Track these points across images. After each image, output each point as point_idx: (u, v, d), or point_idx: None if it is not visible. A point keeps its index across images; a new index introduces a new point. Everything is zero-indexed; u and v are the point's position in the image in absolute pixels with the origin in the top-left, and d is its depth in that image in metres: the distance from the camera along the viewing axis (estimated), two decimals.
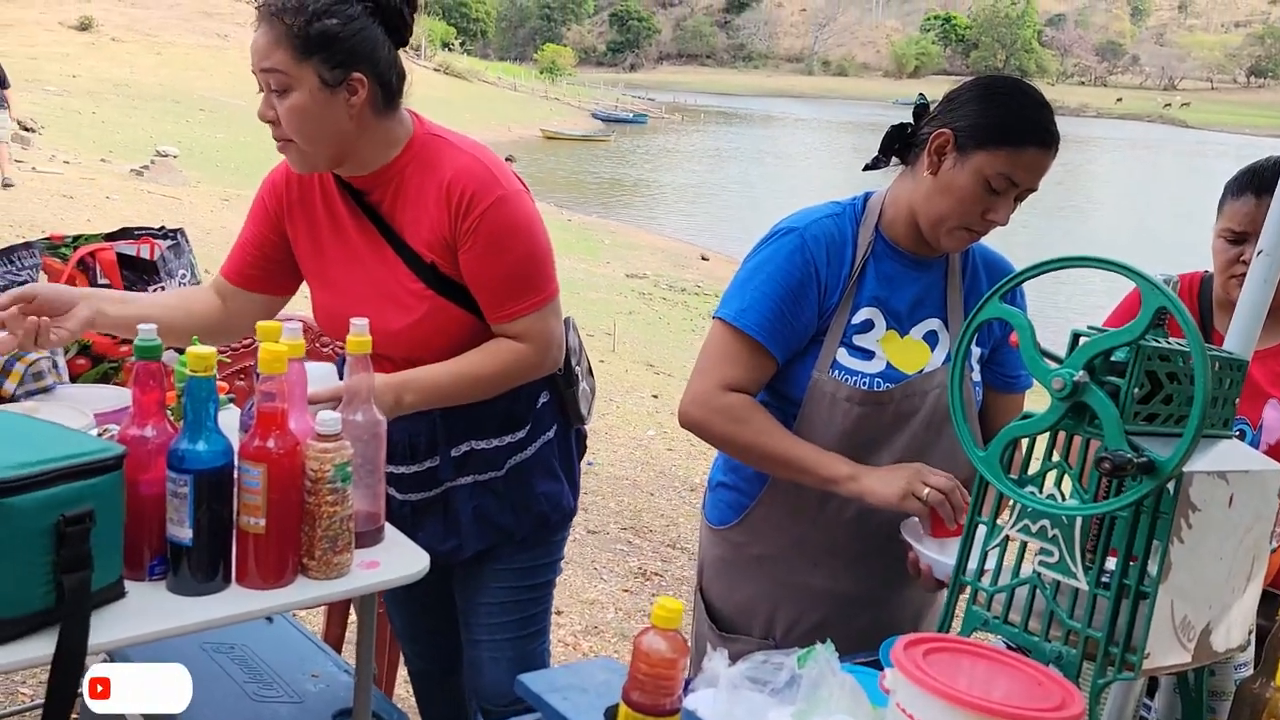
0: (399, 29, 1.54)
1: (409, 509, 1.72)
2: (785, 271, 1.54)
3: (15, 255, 1.78)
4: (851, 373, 1.53)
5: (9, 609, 1.09)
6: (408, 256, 1.59)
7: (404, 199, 1.58)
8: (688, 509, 4.90)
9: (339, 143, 1.53)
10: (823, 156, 39.72)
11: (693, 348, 9.30)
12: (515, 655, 1.80)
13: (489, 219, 1.54)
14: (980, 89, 1.51)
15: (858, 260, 1.56)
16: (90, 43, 33.72)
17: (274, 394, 1.25)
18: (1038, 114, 1.47)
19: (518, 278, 1.58)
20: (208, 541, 1.23)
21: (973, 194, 1.47)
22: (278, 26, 1.46)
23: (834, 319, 1.54)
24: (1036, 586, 1.22)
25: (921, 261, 1.59)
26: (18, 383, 1.53)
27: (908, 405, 1.54)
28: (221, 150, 19.79)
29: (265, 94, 1.51)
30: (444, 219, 1.56)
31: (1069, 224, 23.55)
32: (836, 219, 1.58)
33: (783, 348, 1.54)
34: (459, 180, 1.55)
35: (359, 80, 1.50)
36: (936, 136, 1.49)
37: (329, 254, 1.65)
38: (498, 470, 1.71)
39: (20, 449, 1.11)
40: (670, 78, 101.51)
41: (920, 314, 1.59)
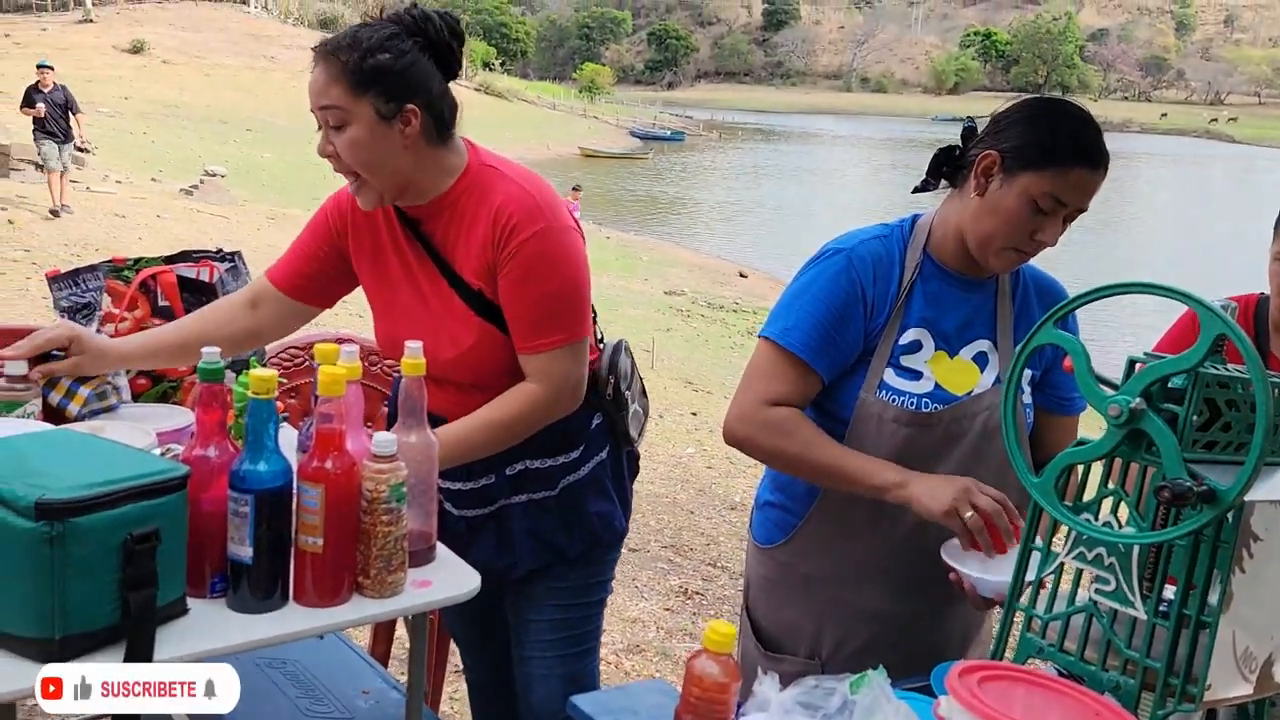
0: (448, 63, 1.59)
1: (464, 525, 1.75)
2: (830, 291, 1.54)
3: (81, 278, 1.84)
4: (899, 393, 1.53)
5: (77, 625, 1.11)
6: (458, 285, 1.62)
7: (456, 228, 1.62)
8: (728, 527, 4.89)
9: (397, 173, 1.57)
10: (862, 173, 39.59)
11: (732, 365, 9.33)
12: (565, 673, 1.81)
13: (528, 248, 1.57)
14: (1027, 110, 1.51)
15: (905, 281, 1.56)
16: (142, 65, 34.54)
17: (332, 415, 1.28)
18: (1086, 134, 1.46)
19: (546, 312, 1.60)
20: (267, 560, 1.25)
21: (1020, 215, 1.46)
22: (334, 64, 1.52)
23: (881, 339, 1.55)
24: (1093, 614, 1.21)
25: (970, 282, 1.59)
26: (82, 405, 1.57)
27: (956, 427, 1.54)
28: (268, 170, 20.16)
29: (324, 130, 1.55)
30: (489, 246, 1.59)
31: (1115, 241, 23.22)
32: (884, 240, 1.59)
33: (828, 366, 1.55)
34: (505, 208, 1.58)
35: (412, 111, 1.54)
36: (983, 158, 1.49)
37: (390, 281, 1.69)
38: (551, 489, 1.73)
39: (89, 469, 1.14)
40: (708, 95, 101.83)
41: (969, 335, 1.58)
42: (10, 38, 35.64)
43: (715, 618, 3.78)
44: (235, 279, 1.90)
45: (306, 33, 45.75)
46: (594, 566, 1.82)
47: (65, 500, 1.07)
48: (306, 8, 51.29)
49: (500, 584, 1.77)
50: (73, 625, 1.11)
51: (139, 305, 1.78)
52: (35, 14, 43.43)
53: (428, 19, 1.56)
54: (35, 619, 1.10)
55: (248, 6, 48.22)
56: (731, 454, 6.32)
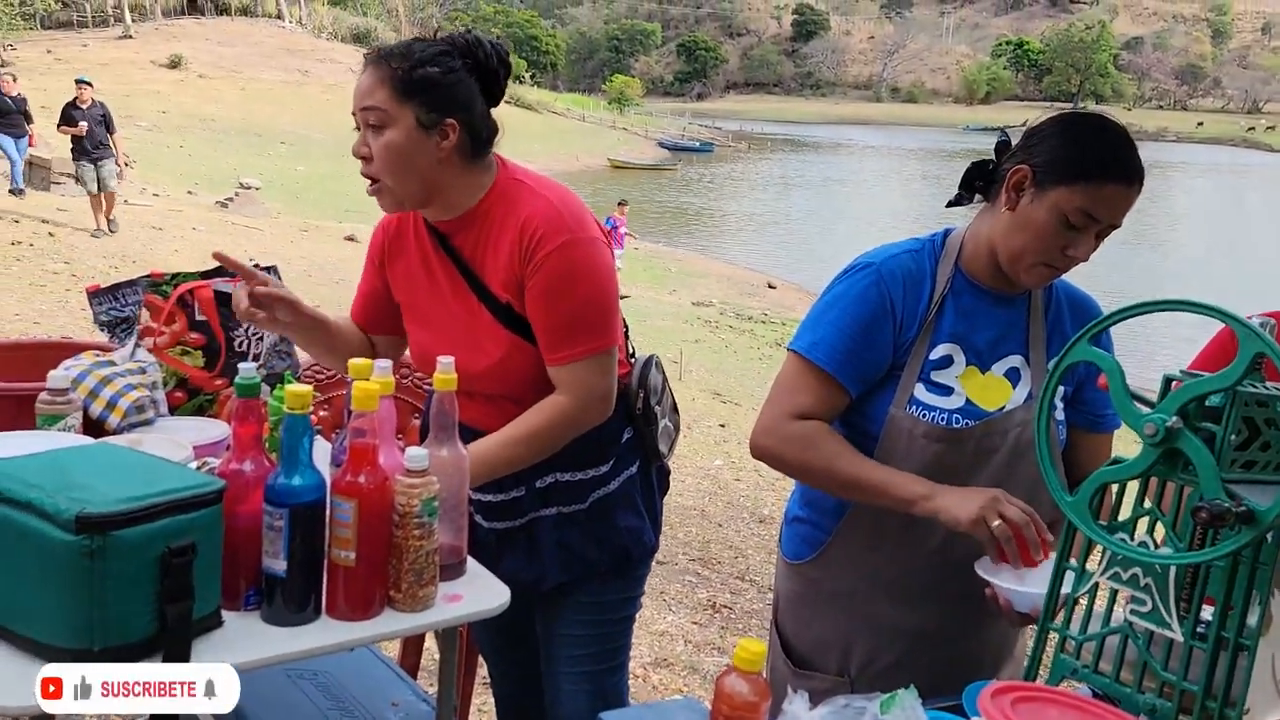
0: (493, 88, 1.63)
1: (494, 537, 1.76)
2: (859, 305, 1.54)
3: (120, 292, 1.87)
4: (929, 409, 1.52)
5: (115, 636, 1.13)
6: (487, 299, 1.64)
7: (485, 242, 1.64)
8: (756, 540, 4.87)
9: (425, 182, 1.59)
10: (892, 184, 39.37)
11: (760, 376, 9.29)
12: (594, 689, 1.82)
13: (553, 260, 1.58)
14: (1061, 124, 1.50)
15: (936, 296, 1.55)
16: (180, 80, 35.11)
17: (365, 430, 1.29)
18: (1119, 149, 1.45)
19: (572, 322, 1.61)
20: (301, 573, 1.27)
21: (1051, 229, 1.45)
22: (384, 69, 1.56)
23: (911, 354, 1.54)
24: (1128, 636, 1.20)
25: (1003, 297, 1.57)
26: (121, 417, 1.60)
27: (988, 443, 1.53)
28: (301, 182, 20.41)
29: (362, 131, 1.58)
30: (516, 259, 1.61)
31: (1151, 253, 22.90)
32: (915, 255, 1.58)
33: (855, 381, 1.54)
34: (531, 221, 1.60)
35: (451, 125, 1.57)
36: (1014, 172, 1.48)
37: (421, 295, 1.72)
38: (581, 503, 1.74)
39: (128, 483, 1.16)
40: (737, 106, 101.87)
41: (1002, 350, 1.57)
42: (52, 54, 36.38)
43: (743, 632, 3.77)
44: None
45: (340, 47, 46.32)
46: (623, 581, 1.82)
47: (105, 514, 1.09)
48: (340, 22, 51.89)
49: (529, 596, 1.78)
50: (111, 637, 1.13)
51: (176, 319, 1.81)
52: (77, 30, 44.30)
53: (479, 43, 1.61)
54: (75, 630, 1.12)
55: (283, 21, 48.90)
56: (760, 466, 6.30)
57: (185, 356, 1.81)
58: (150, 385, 1.69)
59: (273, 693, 1.78)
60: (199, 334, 1.83)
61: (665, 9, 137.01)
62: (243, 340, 1.87)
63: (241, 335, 1.86)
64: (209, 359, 1.83)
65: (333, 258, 12.00)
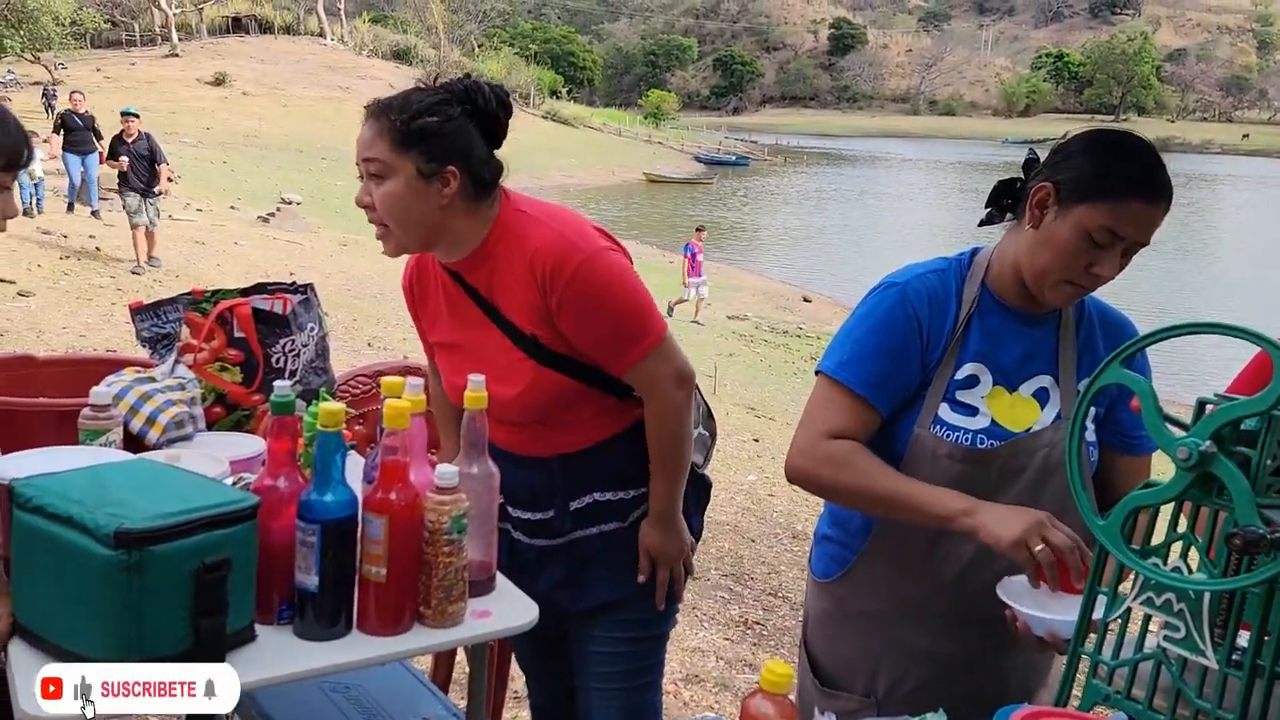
0: (493, 132, 1.66)
1: (534, 553, 1.78)
2: (886, 325, 1.53)
3: (162, 309, 1.91)
4: (953, 429, 1.51)
5: (152, 649, 1.16)
6: (509, 330, 1.66)
7: (499, 276, 1.66)
8: (790, 556, 4.84)
9: (427, 228, 1.62)
10: (929, 197, 39.08)
11: (795, 391, 9.22)
12: (626, 705, 1.82)
13: (575, 285, 1.60)
14: (1085, 141, 1.48)
15: (962, 315, 1.54)
16: (224, 97, 35.79)
17: (397, 448, 1.31)
18: (1144, 166, 1.43)
19: (621, 330, 1.64)
20: (333, 589, 1.29)
21: (1074, 247, 1.43)
22: (383, 122, 1.58)
23: (937, 374, 1.53)
24: (1161, 662, 1.18)
25: (1031, 317, 1.56)
26: (161, 433, 1.64)
27: (1014, 463, 1.51)
28: (341, 197, 20.64)
29: (365, 181, 1.62)
30: (535, 293, 1.63)
31: (1195, 268, 22.49)
32: (940, 274, 1.57)
33: (885, 401, 1.53)
34: (540, 254, 1.62)
35: (452, 173, 1.60)
36: (1038, 190, 1.47)
37: (449, 331, 1.76)
38: (622, 521, 1.76)
39: (165, 498, 1.19)
40: (773, 120, 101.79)
41: (1030, 370, 1.55)
42: (101, 72, 37.27)
43: (775, 649, 3.74)
44: (307, 310, 1.96)
45: (380, 64, 46.97)
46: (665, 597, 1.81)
47: (143, 529, 1.12)
48: (381, 40, 52.63)
49: (566, 612, 1.79)
50: (148, 650, 1.15)
51: (216, 336, 1.85)
52: (125, 49, 45.37)
53: (478, 90, 1.63)
54: (113, 643, 1.14)
55: (325, 39, 49.70)
56: None
57: (224, 372, 1.85)
58: (189, 401, 1.72)
59: (306, 705, 1.80)
60: (237, 350, 1.86)
61: (701, 24, 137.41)
62: (280, 357, 1.90)
63: (279, 352, 1.89)
64: (247, 375, 1.87)
65: (371, 272, 12.14)
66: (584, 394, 1.68)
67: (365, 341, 8.53)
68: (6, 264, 9.26)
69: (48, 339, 6.96)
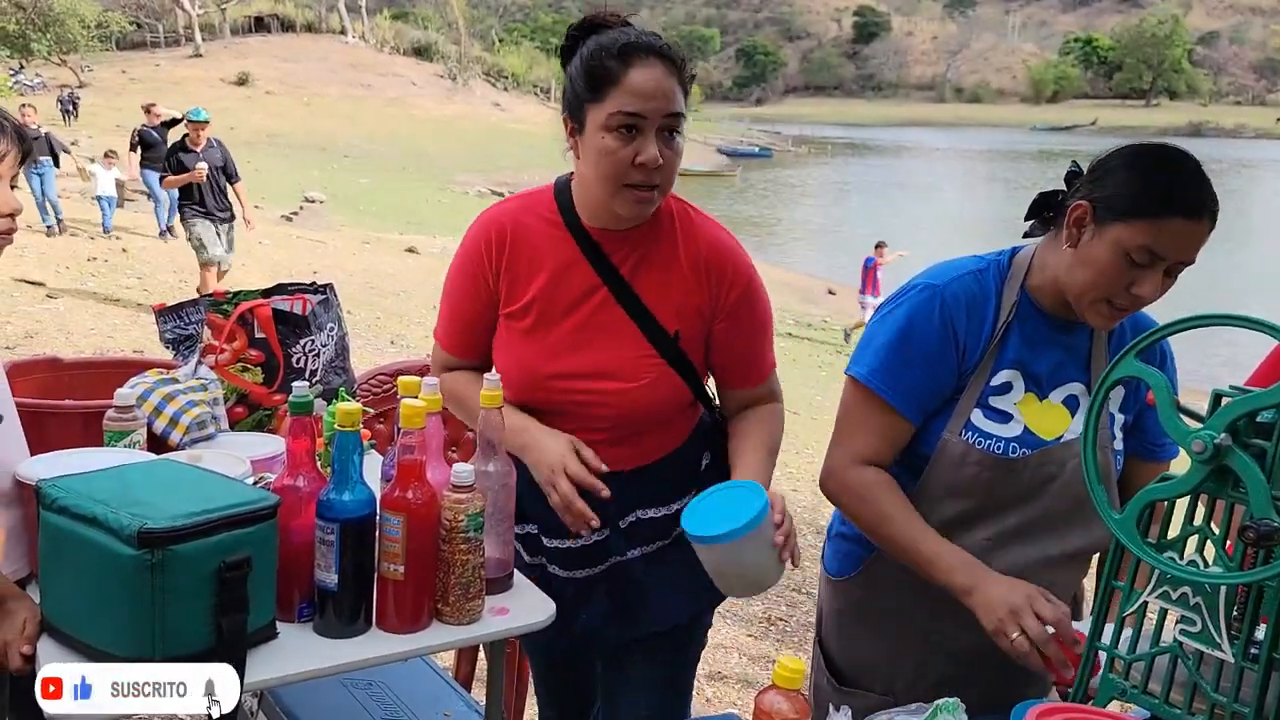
0: None
1: (571, 589, 1.64)
2: (923, 332, 1.49)
3: (184, 310, 1.94)
4: (985, 435, 1.48)
5: (175, 647, 1.18)
6: (645, 322, 1.55)
7: (650, 261, 1.56)
8: (813, 552, 4.82)
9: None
10: (957, 186, 38.66)
11: (821, 384, 9.10)
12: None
13: (752, 291, 1.61)
14: (1123, 157, 1.44)
15: (1001, 321, 1.50)
16: (247, 96, 36.07)
17: (413, 447, 1.32)
18: (1184, 182, 1.38)
19: (763, 346, 1.67)
20: (352, 586, 1.31)
21: (1113, 267, 1.39)
22: (674, 70, 1.46)
23: (972, 379, 1.50)
24: (1178, 656, 1.17)
25: (1067, 324, 1.52)
26: (184, 433, 1.66)
27: (1043, 472, 1.49)
28: (364, 195, 20.79)
29: (659, 136, 1.45)
30: (698, 289, 1.57)
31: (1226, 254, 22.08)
32: (978, 276, 1.53)
33: (919, 411, 1.51)
34: (720, 253, 1.58)
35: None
36: (1074, 208, 1.43)
37: (547, 309, 1.57)
38: (665, 538, 1.65)
39: (187, 499, 1.21)
40: (797, 110, 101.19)
41: (1061, 377, 1.52)
42: (127, 73, 37.70)
43: (799, 645, 3.73)
44: (326, 311, 1.98)
45: (402, 60, 47.10)
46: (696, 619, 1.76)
47: (165, 529, 1.14)
48: (402, 36, 52.80)
49: (607, 645, 1.71)
50: (171, 647, 1.17)
51: (237, 337, 1.87)
52: (150, 50, 45.82)
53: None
54: (137, 641, 1.16)
55: (346, 37, 49.94)
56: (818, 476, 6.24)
57: (245, 373, 1.87)
58: (211, 402, 1.75)
59: (328, 702, 1.83)
60: (258, 351, 1.88)
61: (724, 14, 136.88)
62: (300, 357, 1.92)
63: (299, 352, 1.91)
64: (268, 375, 1.89)
65: (394, 269, 12.21)
66: (684, 403, 1.62)
67: (388, 340, 8.58)
68: (35, 266, 9.40)
69: (75, 340, 7.06)
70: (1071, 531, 1.51)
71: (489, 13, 71.54)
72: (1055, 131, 78.12)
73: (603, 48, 1.47)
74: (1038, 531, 1.50)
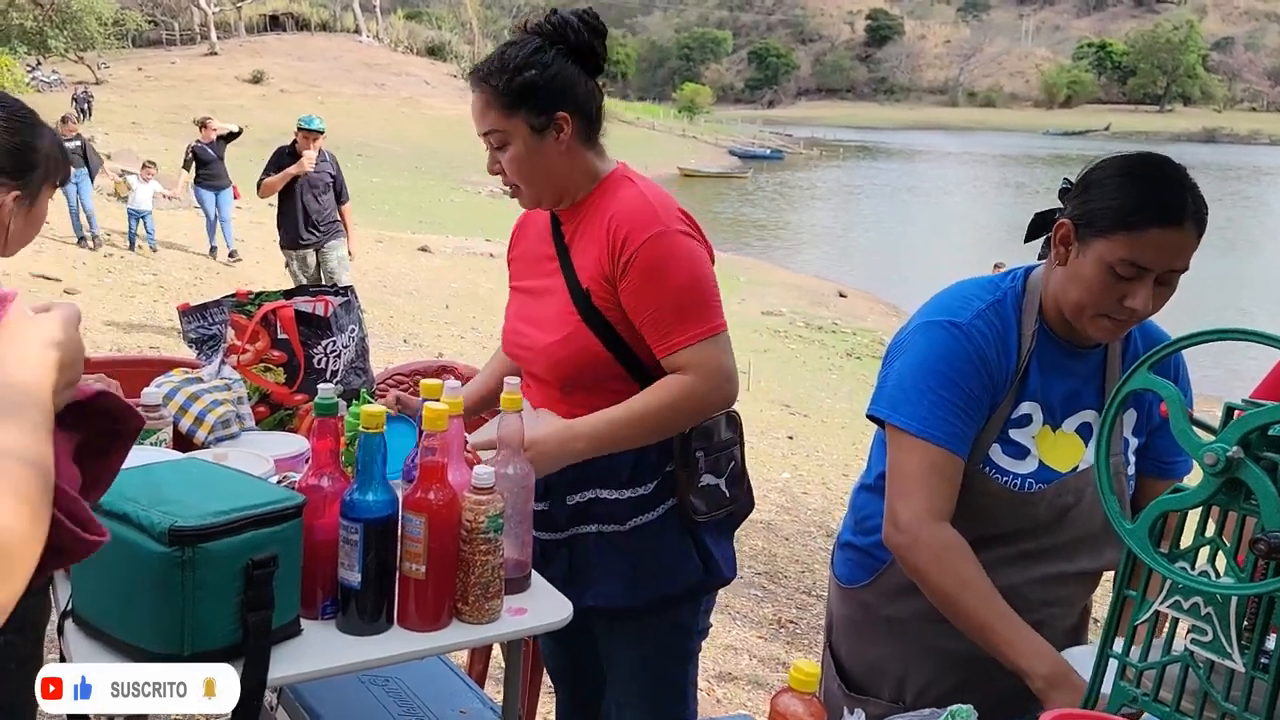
0: (592, 61, 1.67)
1: (539, 546, 1.69)
2: (963, 374, 1.46)
3: (208, 311, 1.97)
4: (1003, 471, 1.49)
5: (203, 642, 1.20)
6: (569, 278, 1.68)
7: (582, 228, 1.69)
8: (824, 555, 4.85)
9: (555, 177, 1.67)
10: (969, 191, 38.55)
11: (830, 387, 9.10)
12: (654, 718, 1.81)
13: (643, 253, 1.60)
14: (1100, 172, 1.44)
15: (1024, 352, 1.49)
16: (262, 94, 36.20)
17: (435, 449, 1.35)
18: (1160, 191, 1.37)
19: (677, 309, 1.61)
20: (374, 585, 1.33)
21: (1100, 282, 1.39)
22: (487, 90, 1.63)
23: (996, 412, 1.49)
24: (1189, 665, 1.19)
25: (1078, 351, 1.52)
26: (209, 432, 1.69)
27: (1060, 503, 1.49)
28: (377, 194, 20.84)
29: (490, 151, 1.67)
30: (604, 253, 1.64)
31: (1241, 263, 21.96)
32: (997, 308, 1.51)
33: (968, 450, 1.48)
34: (618, 217, 1.63)
35: (563, 119, 1.63)
36: (1059, 227, 1.44)
37: (525, 276, 1.80)
38: (620, 525, 1.70)
39: (215, 497, 1.24)
40: (809, 113, 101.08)
41: (1074, 405, 1.52)
42: (143, 71, 37.88)
43: (809, 648, 3.74)
44: (348, 313, 2.01)
45: (415, 60, 47.24)
46: (678, 614, 1.79)
47: (195, 527, 1.17)
48: (416, 36, 52.93)
49: (587, 618, 1.73)
50: (199, 643, 1.20)
51: (260, 337, 1.90)
52: (166, 48, 46.06)
53: (565, 24, 1.63)
54: (166, 636, 1.19)
55: (360, 36, 50.10)
56: (828, 479, 6.26)
57: (267, 373, 1.90)
58: (235, 401, 1.78)
59: (346, 697, 1.85)
60: (280, 351, 1.92)
61: (736, 16, 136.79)
62: (321, 357, 1.95)
63: (320, 353, 1.94)
64: (289, 375, 1.92)
65: (406, 268, 12.26)
66: (608, 366, 1.66)
67: (401, 339, 8.62)
68: (53, 262, 9.48)
69: (92, 335, 7.12)
70: (1081, 554, 1.52)
71: (502, 13, 71.73)
72: (1068, 136, 77.77)
73: None
74: (1049, 554, 1.52)
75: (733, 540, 1.85)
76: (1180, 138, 74.00)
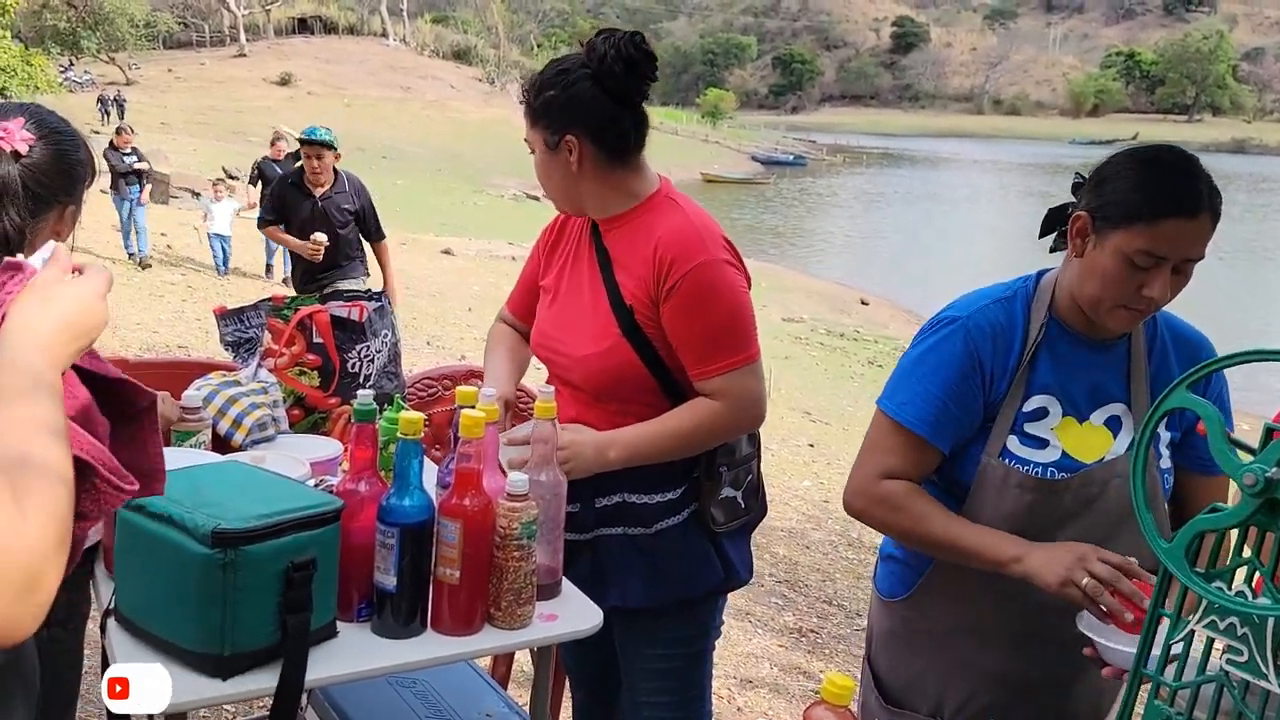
0: (618, 89, 1.67)
1: (565, 548, 1.72)
2: (946, 364, 1.52)
3: (245, 315, 2.00)
4: (1023, 461, 1.50)
5: (243, 643, 1.22)
6: (612, 292, 1.72)
7: (627, 244, 1.73)
8: (844, 564, 4.83)
9: (566, 193, 1.75)
10: (993, 199, 38.35)
11: (852, 394, 9.06)
12: (676, 718, 1.83)
13: (688, 281, 1.65)
14: (1116, 164, 1.46)
15: (1028, 346, 1.51)
16: (289, 97, 36.56)
17: (471, 455, 1.36)
18: (1174, 182, 1.40)
19: (714, 338, 1.67)
20: (409, 589, 1.35)
21: (1119, 273, 1.41)
22: (525, 102, 1.75)
23: (1004, 407, 1.51)
24: (1224, 685, 1.18)
25: (1100, 343, 1.53)
26: (246, 435, 1.71)
27: (1086, 493, 1.49)
28: (401, 196, 20.98)
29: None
30: (649, 275, 1.68)
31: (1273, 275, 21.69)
32: (1005, 304, 1.55)
33: (946, 440, 1.52)
34: (665, 242, 1.67)
35: (570, 141, 1.67)
36: (1075, 220, 1.45)
37: (562, 277, 1.83)
38: (646, 528, 1.75)
39: (256, 501, 1.26)
40: (833, 119, 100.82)
41: (1101, 398, 1.53)
42: (173, 72, 38.34)
43: (830, 657, 3.73)
44: (381, 318, 2.03)
45: (441, 64, 47.54)
46: (689, 616, 1.82)
47: (238, 530, 1.19)
48: (442, 40, 53.26)
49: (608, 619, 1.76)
50: (239, 643, 1.22)
51: (296, 341, 1.92)
52: (195, 49, 46.58)
53: (593, 48, 1.67)
54: (206, 636, 1.21)
55: (387, 40, 50.46)
56: None
57: (302, 377, 1.93)
58: (272, 404, 1.80)
59: (375, 699, 1.87)
60: (315, 355, 1.94)
61: (761, 22, 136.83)
62: (355, 362, 1.97)
63: (354, 357, 1.97)
64: (324, 379, 1.94)
65: (430, 270, 12.32)
66: (643, 381, 1.70)
67: (424, 340, 8.66)
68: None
69: (123, 335, 7.20)
70: (1108, 547, 1.51)
71: (528, 18, 72.14)
72: (1095, 145, 77.18)
73: None
74: None
75: (749, 542, 1.90)
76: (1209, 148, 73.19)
